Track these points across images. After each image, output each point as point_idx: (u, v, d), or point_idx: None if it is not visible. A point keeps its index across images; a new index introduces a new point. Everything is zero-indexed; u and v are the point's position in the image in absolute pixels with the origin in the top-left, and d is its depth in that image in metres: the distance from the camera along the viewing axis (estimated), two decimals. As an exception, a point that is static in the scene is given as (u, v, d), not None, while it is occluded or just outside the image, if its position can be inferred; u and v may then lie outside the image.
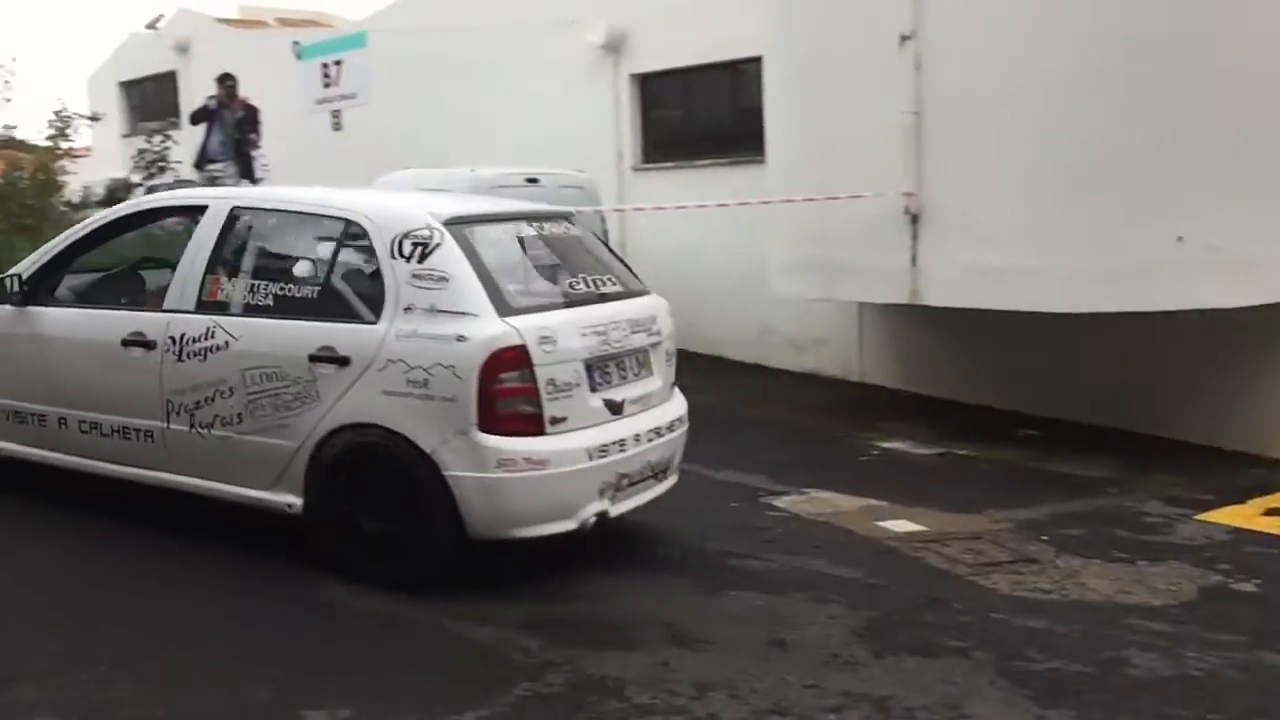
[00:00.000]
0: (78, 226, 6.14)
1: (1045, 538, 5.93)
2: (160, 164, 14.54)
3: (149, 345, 5.24)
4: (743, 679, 4.04)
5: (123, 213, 5.99)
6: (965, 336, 9.36)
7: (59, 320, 5.67)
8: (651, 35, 12.49)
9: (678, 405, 5.64)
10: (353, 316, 4.86)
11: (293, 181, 13.41)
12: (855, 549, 5.69)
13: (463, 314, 4.65)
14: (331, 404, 4.78)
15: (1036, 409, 8.98)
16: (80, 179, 14.97)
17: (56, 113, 14.64)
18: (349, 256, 5.03)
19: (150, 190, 12.76)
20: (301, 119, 15.54)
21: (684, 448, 5.62)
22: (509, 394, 4.61)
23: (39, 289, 5.79)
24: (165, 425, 5.22)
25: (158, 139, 15.22)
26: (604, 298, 5.28)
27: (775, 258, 9.31)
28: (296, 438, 4.86)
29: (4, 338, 5.79)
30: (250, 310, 5.09)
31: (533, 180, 10.45)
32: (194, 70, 18.24)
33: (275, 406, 4.90)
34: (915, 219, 7.83)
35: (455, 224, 4.93)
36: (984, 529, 6.08)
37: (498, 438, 4.58)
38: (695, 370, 11.37)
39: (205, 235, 5.33)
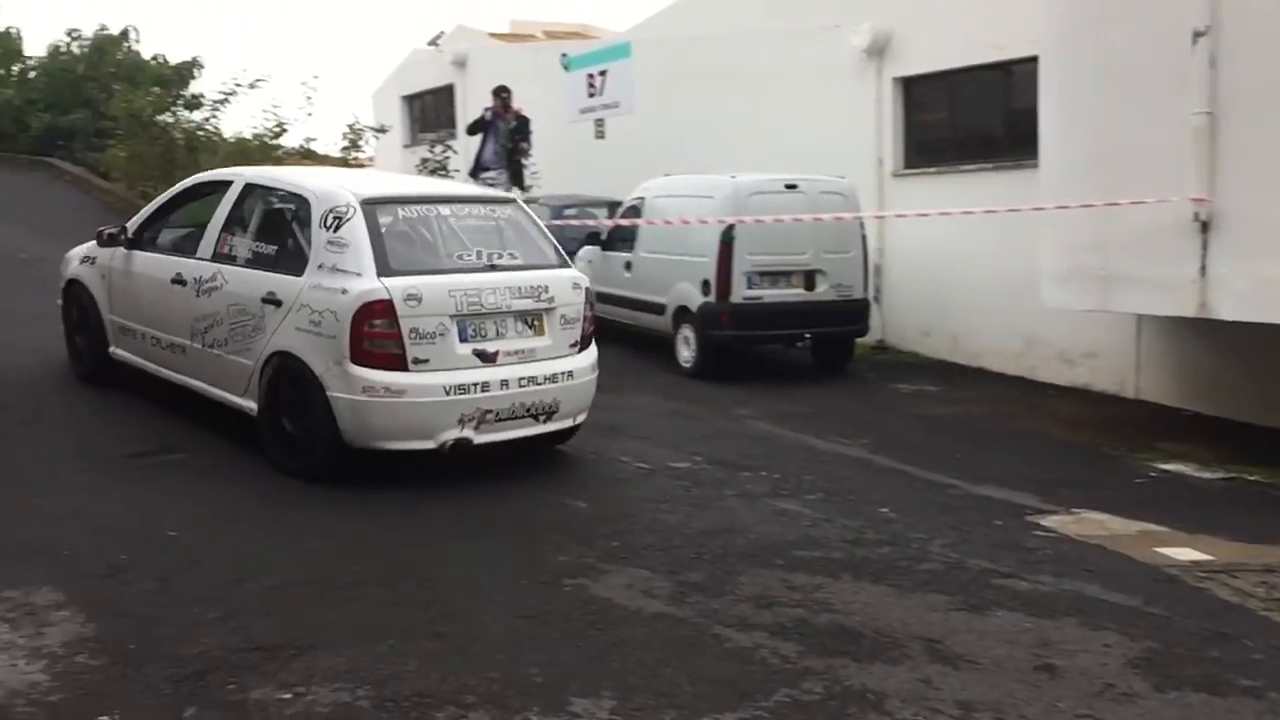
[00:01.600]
0: (165, 193, 7.83)
1: (1352, 575, 5.43)
2: (441, 172, 15.46)
3: (183, 283, 6.82)
4: (1010, 703, 3.90)
5: (188, 185, 7.70)
6: (1256, 352, 8.68)
7: (145, 261, 7.34)
8: (916, 38, 12.23)
9: (574, 361, 6.50)
10: (290, 270, 6.21)
11: (557, 189, 14.11)
12: (1132, 575, 5.39)
13: (352, 273, 5.90)
14: (271, 334, 6.20)
15: (1340, 434, 8.22)
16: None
17: (350, 125, 15.87)
18: (299, 224, 6.36)
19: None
20: (566, 128, 16.16)
21: (589, 398, 6.70)
22: (376, 336, 5.83)
23: (141, 238, 7.46)
24: (190, 343, 6.79)
25: (439, 149, 16.18)
26: (492, 268, 6.29)
27: (1046, 266, 8.93)
28: (253, 358, 6.31)
29: (118, 272, 7.54)
30: (239, 261, 6.59)
31: (792, 187, 10.46)
32: (469, 83, 19.24)
33: (243, 334, 6.37)
34: (1206, 226, 7.34)
35: (370, 203, 6.13)
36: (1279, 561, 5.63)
37: (365, 369, 5.83)
38: (954, 383, 11.15)
39: (226, 203, 6.87)
